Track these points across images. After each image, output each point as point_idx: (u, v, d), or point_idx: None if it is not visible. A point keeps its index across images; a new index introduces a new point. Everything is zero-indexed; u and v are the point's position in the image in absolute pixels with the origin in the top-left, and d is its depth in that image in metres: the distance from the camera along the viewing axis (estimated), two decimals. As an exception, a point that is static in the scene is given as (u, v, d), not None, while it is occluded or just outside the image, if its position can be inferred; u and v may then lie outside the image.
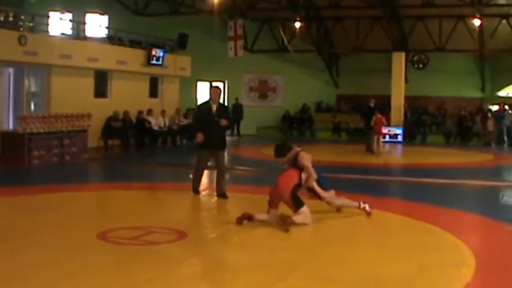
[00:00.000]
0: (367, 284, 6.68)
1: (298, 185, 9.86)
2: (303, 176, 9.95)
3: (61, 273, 6.86)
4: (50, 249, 7.92)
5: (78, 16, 22.96)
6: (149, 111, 24.10)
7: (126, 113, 22.71)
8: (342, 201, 10.70)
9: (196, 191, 12.56)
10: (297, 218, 9.55)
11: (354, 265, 7.48)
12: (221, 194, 12.20)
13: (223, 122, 12.15)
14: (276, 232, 9.30)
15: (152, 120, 23.95)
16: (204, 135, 12.07)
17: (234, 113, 30.43)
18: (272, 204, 9.83)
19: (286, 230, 9.22)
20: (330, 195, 10.48)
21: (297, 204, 9.67)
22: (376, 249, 8.31)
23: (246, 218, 9.61)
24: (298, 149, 10.29)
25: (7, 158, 17.22)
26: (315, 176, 10.10)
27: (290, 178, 9.85)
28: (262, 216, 9.77)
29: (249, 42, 30.78)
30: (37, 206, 11.33)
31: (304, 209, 9.70)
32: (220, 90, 12.87)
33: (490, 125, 27.72)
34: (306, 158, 10.08)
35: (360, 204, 10.51)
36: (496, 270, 7.42)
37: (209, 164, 12.86)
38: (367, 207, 10.46)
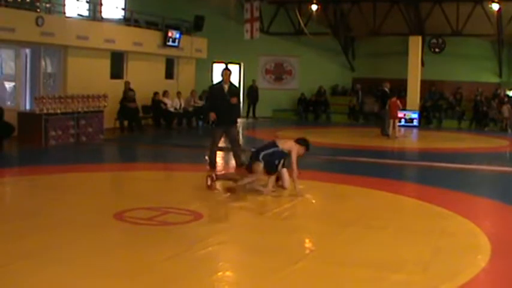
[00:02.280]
0: (381, 268, 6.69)
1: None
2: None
3: (79, 252, 6.93)
4: (67, 229, 8.00)
5: (94, -3, 23.02)
6: (165, 93, 24.15)
7: (126, 83, 22.51)
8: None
9: (213, 165, 13.38)
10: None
11: (369, 248, 7.50)
12: (241, 164, 12.98)
13: (234, 100, 13.28)
14: (292, 215, 9.35)
15: (168, 101, 24.00)
16: (217, 113, 13.20)
17: (250, 95, 30.46)
18: None
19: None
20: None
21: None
22: (391, 233, 8.32)
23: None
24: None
25: (24, 138, 17.34)
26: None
27: None
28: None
29: (265, 25, 30.63)
30: (54, 185, 11.44)
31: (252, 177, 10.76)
32: (231, 72, 13.79)
33: (506, 110, 27.54)
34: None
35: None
36: (512, 256, 7.42)
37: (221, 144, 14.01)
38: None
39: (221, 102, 13.18)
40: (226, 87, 13.34)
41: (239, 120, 23.37)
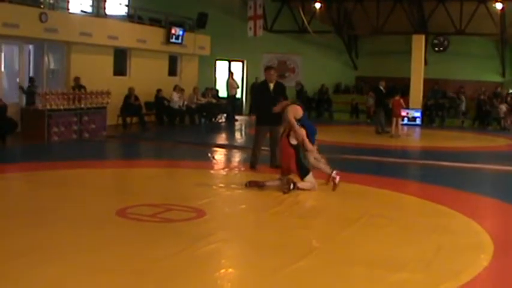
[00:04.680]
0: (384, 266, 6.69)
1: (297, 153, 10.82)
2: (293, 140, 10.81)
3: (81, 248, 6.93)
4: (69, 225, 8.00)
5: (98, -7, 23.02)
6: (175, 87, 24.12)
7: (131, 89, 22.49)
8: (319, 163, 11.36)
9: (254, 166, 13.18)
10: (301, 185, 10.69)
11: (371, 247, 7.50)
12: (276, 166, 12.80)
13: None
14: (295, 213, 9.35)
15: (176, 96, 23.90)
16: (263, 112, 13.12)
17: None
18: (284, 172, 10.91)
19: (285, 192, 10.39)
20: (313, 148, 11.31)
21: (303, 173, 10.75)
22: (393, 232, 8.32)
23: (257, 185, 10.74)
24: (288, 102, 11.47)
25: (27, 134, 17.39)
26: (298, 129, 10.85)
27: (288, 153, 10.83)
28: (273, 182, 10.89)
29: (268, 22, 30.66)
30: (56, 182, 11.45)
31: (309, 177, 10.77)
32: (274, 70, 13.64)
33: (503, 109, 27.42)
34: (290, 112, 11.00)
35: (332, 173, 11.09)
36: (514, 255, 7.42)
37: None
38: (337, 179, 10.98)
39: (267, 101, 12.94)
40: (271, 85, 13.14)
41: (239, 117, 23.35)
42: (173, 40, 24.98)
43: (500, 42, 30.14)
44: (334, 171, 11.06)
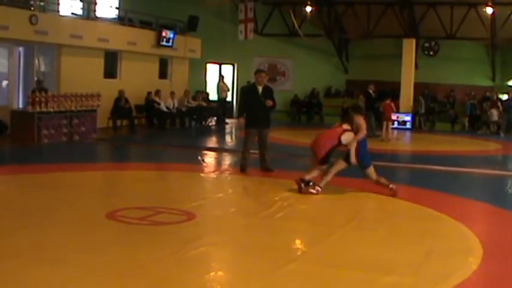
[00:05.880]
0: (373, 269, 6.69)
1: (335, 146, 11.23)
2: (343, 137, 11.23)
3: (70, 251, 6.90)
4: (59, 228, 7.96)
5: (88, -4, 23.00)
6: (157, 92, 24.06)
7: (121, 92, 22.35)
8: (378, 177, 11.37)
9: (244, 169, 13.24)
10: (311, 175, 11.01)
11: (361, 250, 7.50)
12: (267, 169, 13.10)
13: (269, 103, 13.19)
14: (285, 216, 9.34)
15: (159, 101, 23.89)
16: (251, 115, 13.21)
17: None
18: (314, 160, 11.26)
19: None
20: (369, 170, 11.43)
21: (326, 160, 11.14)
22: (383, 235, 8.33)
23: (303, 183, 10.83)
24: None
25: (17, 136, 17.31)
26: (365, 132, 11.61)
27: (330, 139, 11.19)
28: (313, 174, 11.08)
29: (259, 26, 30.66)
30: (46, 184, 11.39)
31: (326, 167, 11.09)
32: (265, 74, 14.01)
33: (494, 114, 27.51)
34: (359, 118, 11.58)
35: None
36: (503, 259, 7.41)
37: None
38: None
39: (256, 104, 13.12)
40: (260, 88, 13.29)
41: (229, 120, 23.37)
42: (164, 43, 24.96)
43: (490, 47, 30.25)
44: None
